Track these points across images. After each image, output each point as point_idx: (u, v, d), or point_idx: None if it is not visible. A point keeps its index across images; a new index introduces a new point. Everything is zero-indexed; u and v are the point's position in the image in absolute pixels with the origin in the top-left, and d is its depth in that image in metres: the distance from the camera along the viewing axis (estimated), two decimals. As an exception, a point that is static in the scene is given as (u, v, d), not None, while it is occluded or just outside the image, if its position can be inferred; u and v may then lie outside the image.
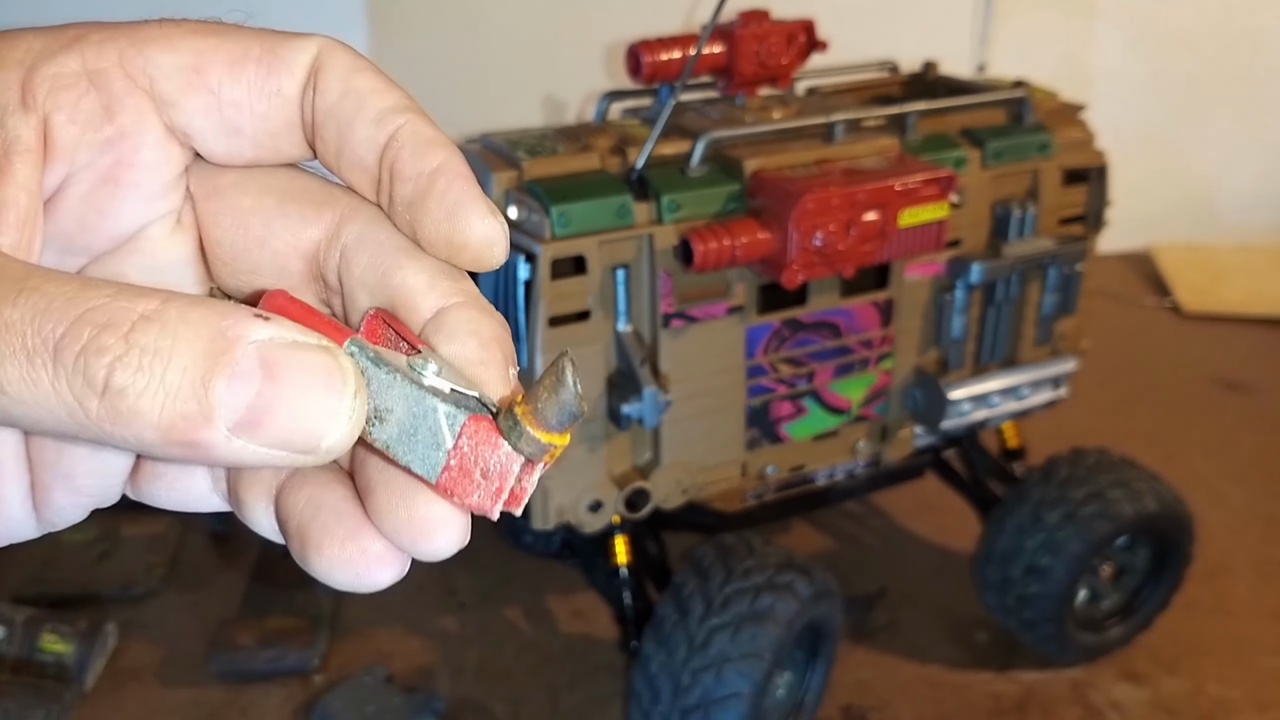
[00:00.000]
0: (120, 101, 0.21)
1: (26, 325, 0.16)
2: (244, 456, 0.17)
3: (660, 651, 0.61)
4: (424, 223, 0.21)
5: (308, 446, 0.17)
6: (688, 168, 0.62)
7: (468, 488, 0.19)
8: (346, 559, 0.20)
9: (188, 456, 0.17)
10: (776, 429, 0.69)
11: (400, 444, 0.19)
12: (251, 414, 0.17)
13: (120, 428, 0.16)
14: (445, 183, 0.20)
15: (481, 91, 1.28)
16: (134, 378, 0.16)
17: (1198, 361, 1.17)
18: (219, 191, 0.22)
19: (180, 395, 0.16)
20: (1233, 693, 0.73)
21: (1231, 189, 1.48)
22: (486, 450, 0.19)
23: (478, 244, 0.21)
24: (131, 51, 0.21)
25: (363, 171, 0.21)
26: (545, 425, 0.19)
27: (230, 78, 0.21)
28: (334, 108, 0.21)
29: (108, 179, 0.21)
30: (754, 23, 0.67)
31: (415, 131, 0.21)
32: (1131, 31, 1.39)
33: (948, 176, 0.62)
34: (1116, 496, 0.70)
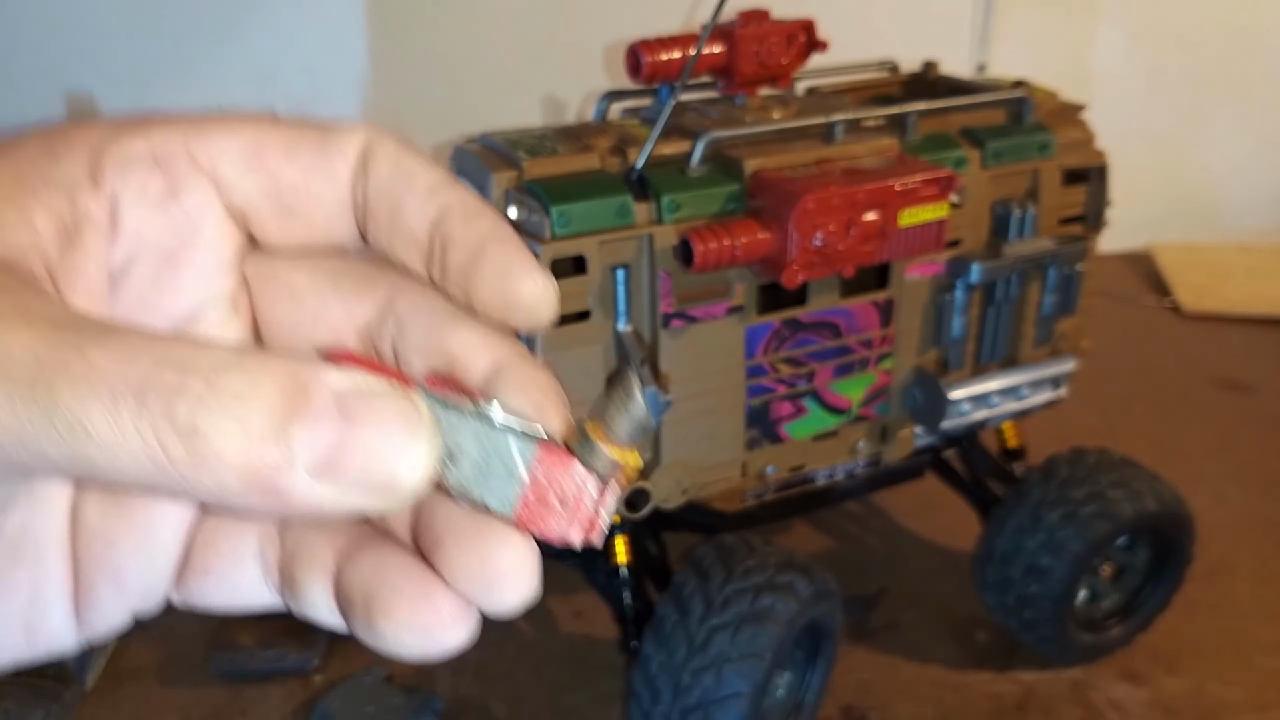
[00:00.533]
0: (184, 183, 0.22)
1: (111, 369, 0.16)
2: (322, 500, 0.17)
3: (660, 651, 0.61)
4: (478, 285, 0.21)
5: (386, 486, 0.17)
6: (688, 168, 0.62)
7: (546, 516, 0.19)
8: (417, 619, 0.20)
9: (265, 504, 0.17)
10: (776, 429, 0.69)
11: (475, 482, 0.19)
12: (330, 455, 0.17)
13: (201, 471, 0.16)
14: (497, 246, 0.21)
15: (481, 91, 1.28)
16: (216, 420, 0.16)
17: (1198, 361, 1.17)
18: (274, 274, 0.23)
19: (261, 438, 0.16)
20: (1233, 693, 0.73)
21: (1231, 189, 1.48)
22: (561, 475, 0.19)
23: (530, 302, 0.21)
24: (195, 137, 0.22)
25: (414, 244, 0.22)
26: (617, 440, 0.19)
27: (287, 161, 0.22)
28: (386, 186, 0.22)
29: (170, 258, 0.22)
30: (754, 23, 0.67)
31: (465, 202, 0.22)
32: (1131, 31, 1.39)
33: (948, 176, 0.62)
34: (1116, 496, 0.70)
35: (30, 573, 0.21)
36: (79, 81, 1.23)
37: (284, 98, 1.26)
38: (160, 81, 1.24)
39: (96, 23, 1.21)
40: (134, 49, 1.22)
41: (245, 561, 0.22)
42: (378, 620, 0.20)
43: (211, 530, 0.22)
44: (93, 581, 0.22)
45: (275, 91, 1.26)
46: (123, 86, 1.24)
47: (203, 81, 1.25)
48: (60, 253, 0.20)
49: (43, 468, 0.17)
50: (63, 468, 0.17)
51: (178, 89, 1.25)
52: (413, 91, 1.28)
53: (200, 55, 1.23)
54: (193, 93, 1.25)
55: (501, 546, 0.20)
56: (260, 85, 1.26)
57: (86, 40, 1.21)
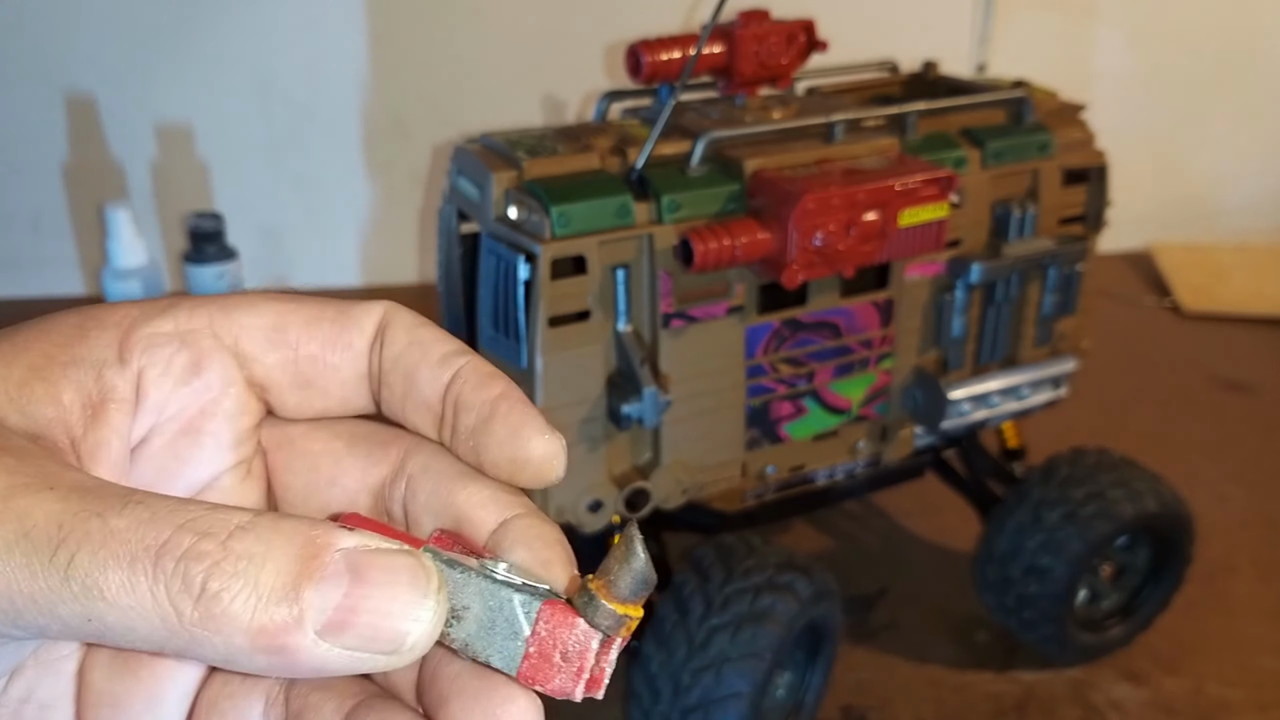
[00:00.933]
0: (208, 358, 0.23)
1: (130, 533, 0.17)
2: (329, 660, 0.17)
3: (660, 651, 0.61)
4: (488, 445, 0.22)
5: (392, 646, 0.18)
6: (688, 168, 0.62)
7: (549, 673, 0.20)
8: None
9: (271, 664, 0.17)
10: (776, 429, 0.69)
11: (479, 639, 0.20)
12: (339, 615, 0.17)
13: (212, 632, 0.17)
14: (508, 407, 0.22)
15: (481, 91, 1.28)
16: (229, 582, 0.17)
17: (1198, 361, 1.17)
18: (290, 440, 0.24)
19: (272, 598, 0.17)
20: (1233, 693, 0.73)
21: (1231, 189, 1.48)
22: (564, 632, 0.20)
23: (539, 460, 0.22)
24: (220, 315, 0.23)
25: (427, 409, 0.23)
26: (619, 597, 0.20)
27: (307, 335, 0.23)
28: (401, 356, 0.23)
29: (190, 429, 0.23)
30: (754, 23, 0.67)
31: (476, 368, 0.23)
32: (1131, 31, 1.39)
33: (948, 176, 0.62)
34: (1116, 496, 0.70)
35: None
36: (79, 81, 1.23)
37: (283, 98, 1.27)
38: (160, 82, 1.24)
39: (96, 23, 1.21)
40: (134, 49, 1.22)
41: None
42: None
43: (217, 692, 0.23)
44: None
45: (275, 92, 1.26)
46: (123, 86, 1.24)
47: (203, 82, 1.25)
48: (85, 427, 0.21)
49: (53, 629, 0.18)
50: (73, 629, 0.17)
51: (177, 89, 1.25)
52: (413, 91, 1.28)
53: (200, 55, 1.23)
54: (193, 93, 1.25)
55: (506, 705, 0.20)
56: (260, 85, 1.26)
57: (86, 40, 1.22)
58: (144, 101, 1.25)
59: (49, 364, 0.21)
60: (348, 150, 1.30)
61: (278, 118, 1.27)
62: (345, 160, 1.30)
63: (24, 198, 1.28)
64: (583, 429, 0.63)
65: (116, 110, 1.25)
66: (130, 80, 1.24)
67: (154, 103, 1.25)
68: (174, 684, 0.22)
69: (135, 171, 1.27)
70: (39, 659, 0.22)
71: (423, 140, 1.29)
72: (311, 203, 1.32)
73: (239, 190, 1.29)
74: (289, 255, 1.33)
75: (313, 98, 1.27)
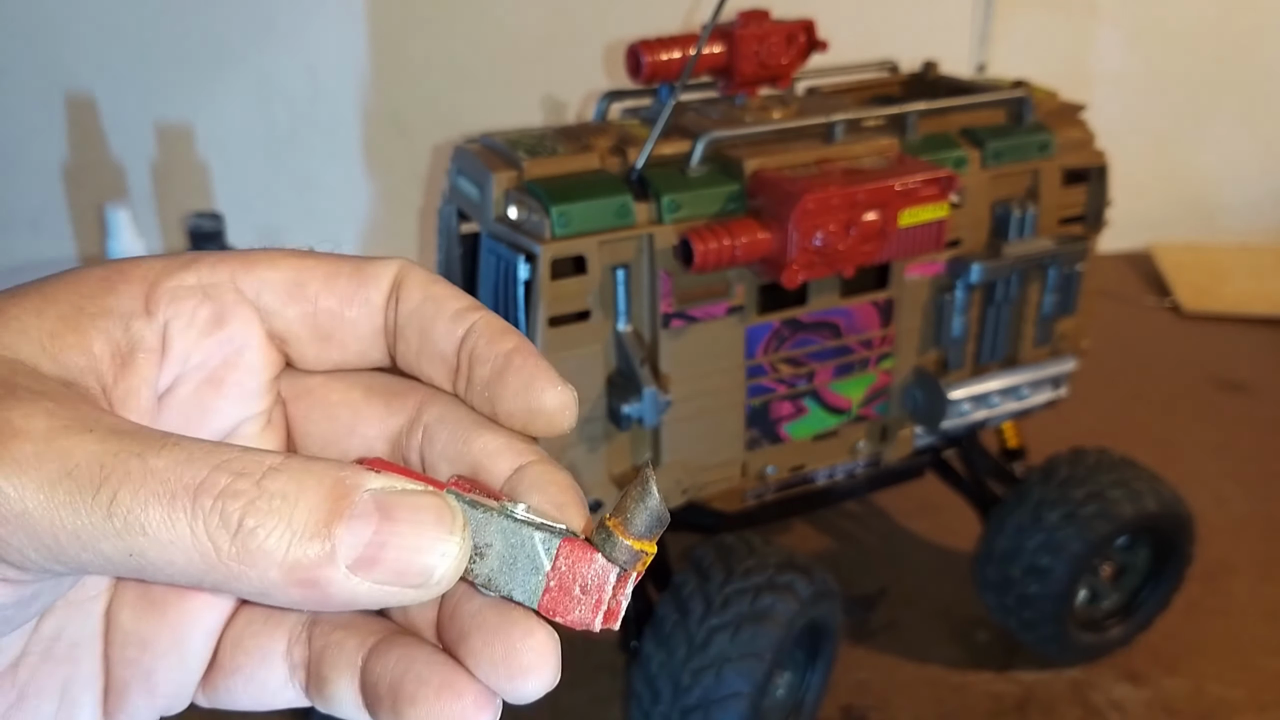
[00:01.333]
0: (230, 311, 0.24)
1: (169, 472, 0.18)
2: (359, 594, 0.18)
3: (660, 651, 0.61)
4: (502, 396, 0.23)
5: (420, 580, 0.19)
6: (688, 168, 0.62)
7: (568, 605, 0.21)
8: (443, 708, 0.21)
9: (304, 597, 0.18)
10: (776, 429, 0.69)
11: (501, 575, 0.21)
12: (369, 551, 0.18)
13: (248, 566, 0.18)
14: (521, 359, 0.23)
15: (481, 91, 1.28)
16: (264, 519, 0.18)
17: (1198, 361, 1.17)
18: (308, 391, 0.25)
19: (305, 534, 0.18)
20: (1233, 693, 0.73)
21: (1231, 189, 1.48)
22: (583, 566, 0.21)
23: (552, 410, 0.23)
24: (241, 270, 0.24)
25: (442, 362, 0.24)
26: (635, 534, 0.21)
27: (326, 290, 0.24)
28: (416, 310, 0.24)
29: (213, 379, 0.24)
30: (754, 23, 0.67)
31: (490, 322, 0.23)
32: (1131, 31, 1.39)
33: (948, 176, 0.62)
34: (1116, 496, 0.70)
35: (63, 673, 0.22)
36: (79, 81, 1.23)
37: (284, 98, 1.27)
38: (160, 81, 1.24)
39: (96, 23, 1.21)
40: (134, 49, 1.22)
41: (273, 661, 0.23)
42: (404, 710, 0.21)
43: (241, 630, 0.23)
44: (124, 683, 0.23)
45: (276, 92, 1.26)
46: (123, 87, 1.24)
47: (203, 82, 1.25)
48: (115, 375, 0.22)
49: (94, 564, 0.18)
50: (115, 563, 0.18)
51: (178, 89, 1.25)
52: (413, 91, 1.28)
53: (200, 55, 1.23)
54: (193, 93, 1.25)
55: (525, 638, 0.21)
56: (261, 85, 1.26)
57: (86, 40, 1.21)
58: (144, 101, 1.25)
59: (79, 315, 0.22)
60: (348, 150, 1.30)
61: (278, 118, 1.27)
62: (345, 160, 1.30)
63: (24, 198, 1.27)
64: (583, 429, 0.63)
65: (116, 110, 1.25)
66: (130, 80, 1.23)
67: (154, 103, 1.25)
68: (199, 623, 0.23)
69: (135, 171, 1.27)
70: (68, 599, 0.22)
71: (423, 140, 1.29)
72: (311, 203, 1.32)
73: (239, 190, 1.29)
74: (289, 255, 1.33)
75: (313, 98, 1.27)
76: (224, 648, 0.23)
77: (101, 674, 0.23)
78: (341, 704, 0.22)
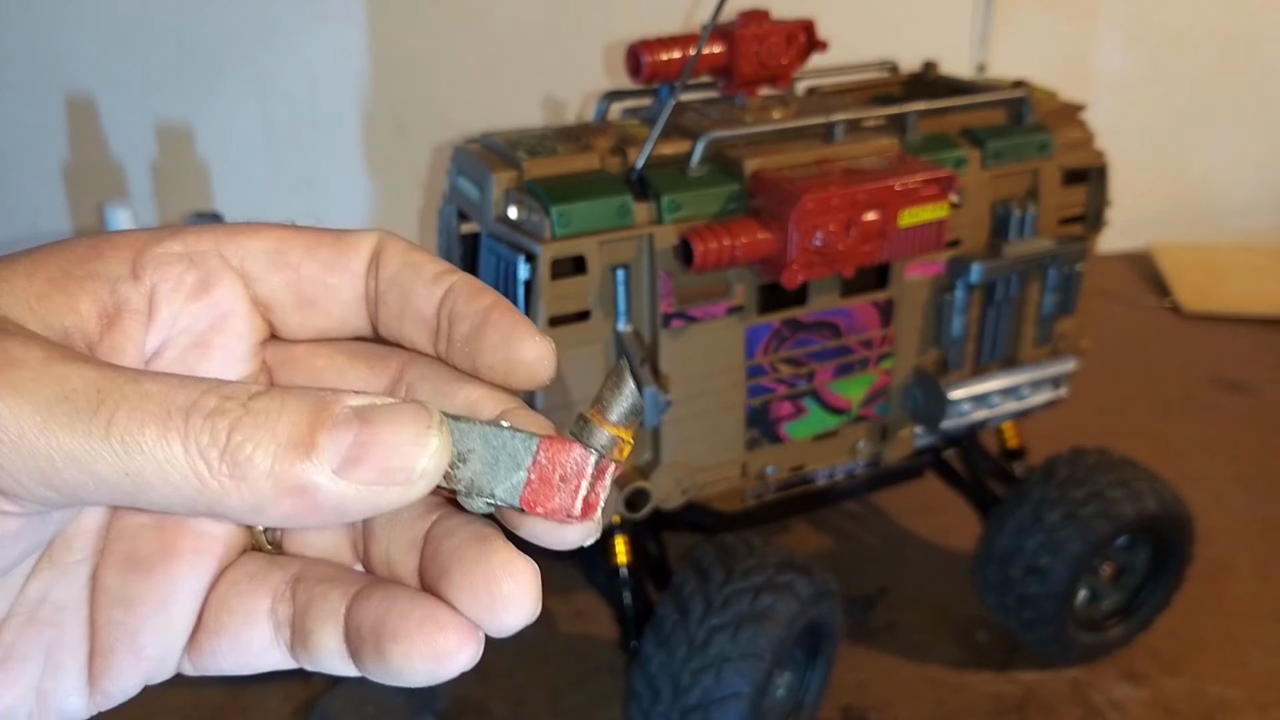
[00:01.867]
0: (216, 276, 0.24)
1: (164, 395, 0.19)
2: (347, 497, 0.19)
3: (660, 651, 0.61)
4: (482, 349, 0.24)
5: (404, 475, 0.19)
6: (688, 168, 0.62)
7: (549, 495, 0.21)
8: (426, 641, 0.21)
9: (295, 508, 0.19)
10: (776, 429, 0.69)
11: (483, 476, 0.21)
12: (352, 453, 0.19)
13: (237, 480, 0.19)
14: (499, 314, 0.24)
15: (481, 91, 1.28)
16: (251, 433, 0.19)
17: (1198, 361, 1.17)
18: (293, 358, 0.26)
19: (290, 445, 0.19)
20: (1233, 693, 0.73)
21: (1231, 189, 1.48)
22: (562, 455, 0.21)
23: (532, 360, 0.23)
24: (226, 239, 0.24)
25: (422, 323, 0.24)
26: (612, 421, 0.22)
27: (308, 257, 0.25)
28: (396, 275, 0.24)
29: (199, 343, 0.24)
30: (754, 23, 0.67)
31: (468, 282, 0.24)
32: (1131, 31, 1.39)
33: (948, 176, 0.62)
34: (1116, 496, 0.70)
35: (47, 637, 0.22)
36: (79, 81, 1.23)
37: (284, 98, 1.27)
38: (160, 81, 1.24)
39: (96, 23, 1.21)
40: (134, 49, 1.22)
41: (258, 619, 0.23)
42: (387, 647, 0.21)
43: (226, 590, 0.24)
44: (109, 647, 0.23)
45: (275, 92, 1.26)
46: (123, 87, 1.24)
47: (203, 82, 1.25)
48: (101, 334, 0.23)
49: (88, 487, 0.19)
50: (109, 485, 0.19)
51: (177, 89, 1.25)
52: (413, 91, 1.28)
53: (200, 55, 1.23)
54: (193, 93, 1.25)
55: (504, 566, 0.21)
56: (261, 85, 1.26)
57: (86, 40, 1.21)
58: (144, 101, 1.25)
59: (66, 278, 0.22)
60: (348, 150, 1.30)
61: (278, 118, 1.27)
62: (345, 160, 1.30)
63: (24, 198, 1.27)
64: (583, 429, 0.63)
65: (116, 110, 1.25)
66: (130, 80, 1.23)
67: (154, 103, 1.25)
68: (185, 584, 0.23)
69: (135, 171, 1.27)
70: (54, 561, 0.23)
71: (423, 140, 1.29)
72: (311, 203, 1.32)
73: (239, 190, 1.29)
74: (289, 255, 1.33)
75: (313, 98, 1.27)
76: (209, 610, 0.23)
77: (87, 638, 0.23)
78: (326, 656, 0.22)
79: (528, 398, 0.62)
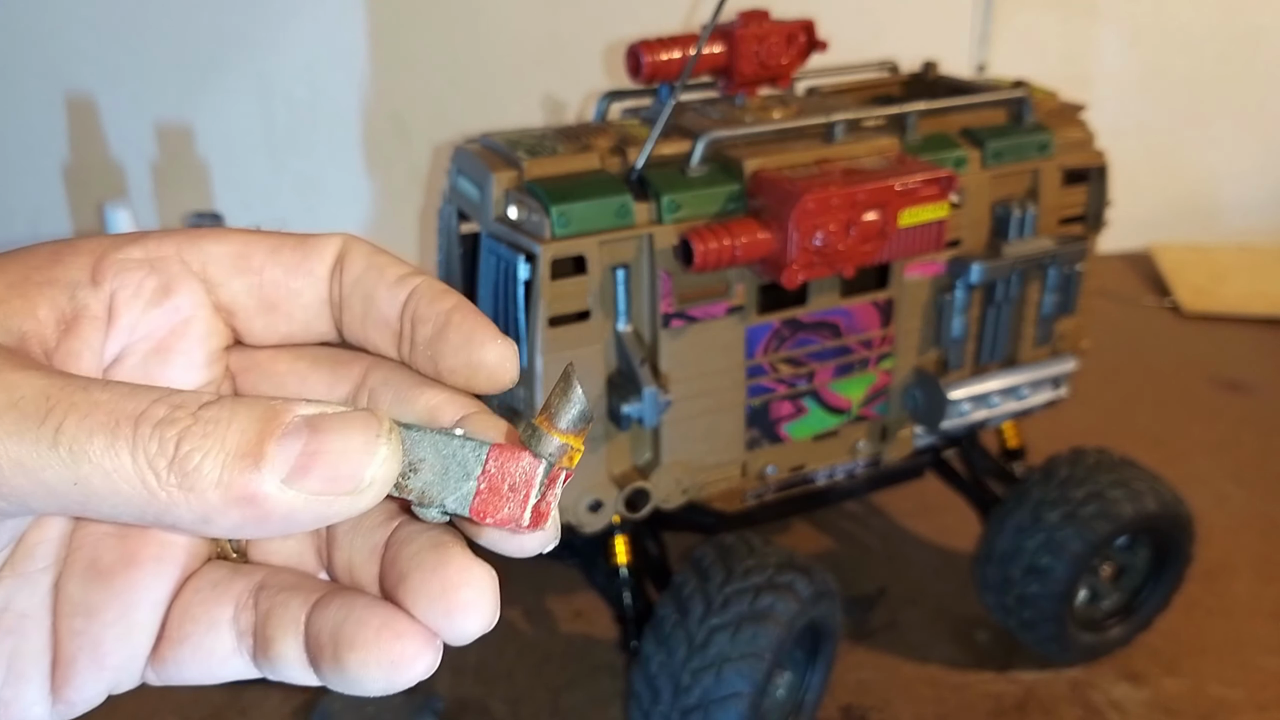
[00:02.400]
0: (177, 282, 0.24)
1: (113, 404, 0.19)
2: (296, 507, 0.19)
3: (660, 651, 0.61)
4: (444, 352, 0.24)
5: (353, 484, 0.19)
6: (688, 168, 0.62)
7: (498, 504, 0.21)
8: (382, 648, 0.21)
9: (244, 518, 0.19)
10: (776, 429, 0.69)
11: (434, 486, 0.21)
12: (300, 462, 0.19)
13: (186, 490, 0.19)
14: (461, 316, 0.23)
15: (481, 91, 1.28)
16: (200, 442, 0.19)
17: (1198, 361, 1.17)
18: (256, 364, 0.26)
19: (238, 454, 0.19)
20: (1233, 693, 0.73)
21: (1231, 189, 1.48)
22: (512, 464, 0.21)
23: (493, 363, 0.23)
24: (187, 243, 0.24)
25: (386, 327, 0.24)
26: (561, 428, 0.21)
27: (271, 261, 0.24)
28: (359, 279, 0.24)
29: (160, 349, 0.24)
30: (754, 23, 0.67)
31: (431, 285, 0.24)
32: (1131, 31, 1.39)
33: (948, 176, 0.62)
34: (1116, 496, 0.70)
35: (10, 645, 0.22)
36: (79, 81, 1.23)
37: (283, 98, 1.27)
38: (160, 81, 1.24)
39: (96, 23, 1.21)
40: (134, 49, 1.22)
41: (220, 628, 0.23)
42: (344, 655, 0.21)
43: (188, 600, 0.24)
44: (72, 656, 0.23)
45: (275, 92, 1.26)
46: (123, 86, 1.24)
47: (203, 82, 1.25)
48: (58, 340, 0.22)
49: (37, 496, 0.19)
50: (58, 494, 0.19)
51: (177, 89, 1.25)
52: (413, 91, 1.28)
53: (200, 55, 1.23)
54: (193, 93, 1.25)
55: (462, 573, 0.21)
56: (260, 85, 1.26)
57: (86, 40, 1.21)
58: (144, 101, 1.25)
59: (25, 283, 0.22)
60: (348, 150, 1.30)
61: (278, 118, 1.27)
62: (345, 160, 1.30)
63: (24, 198, 1.27)
64: (583, 429, 0.63)
65: (116, 110, 1.25)
66: (130, 80, 1.23)
67: (154, 103, 1.25)
68: (147, 593, 0.23)
69: (135, 171, 1.27)
70: (16, 570, 0.22)
71: (423, 140, 1.29)
72: (311, 203, 1.32)
73: (239, 190, 1.29)
74: (289, 255, 1.33)
75: (313, 98, 1.27)
76: (172, 619, 0.23)
77: (50, 647, 0.23)
78: (287, 664, 0.22)
79: (529, 399, 0.62)
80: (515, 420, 0.61)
